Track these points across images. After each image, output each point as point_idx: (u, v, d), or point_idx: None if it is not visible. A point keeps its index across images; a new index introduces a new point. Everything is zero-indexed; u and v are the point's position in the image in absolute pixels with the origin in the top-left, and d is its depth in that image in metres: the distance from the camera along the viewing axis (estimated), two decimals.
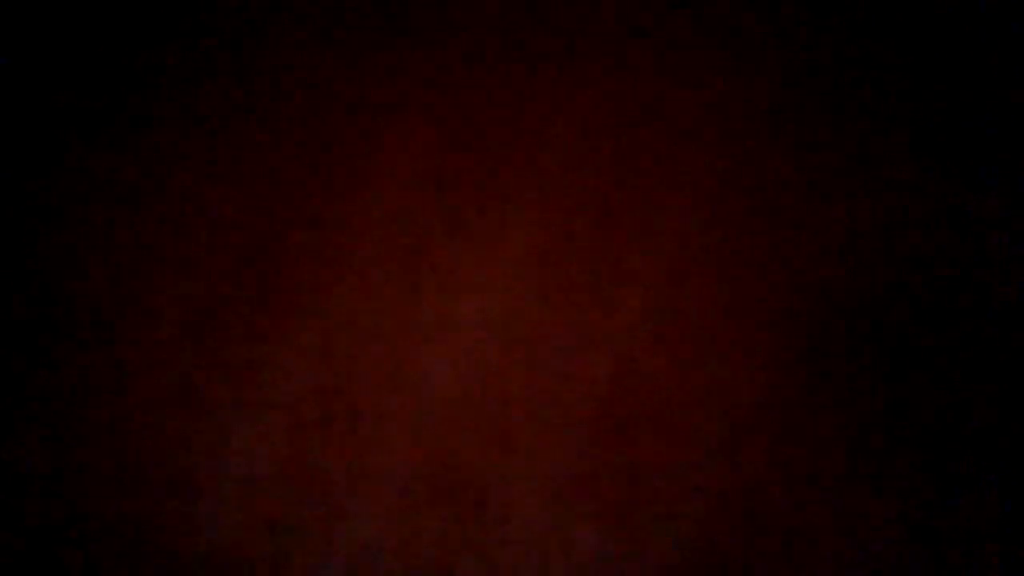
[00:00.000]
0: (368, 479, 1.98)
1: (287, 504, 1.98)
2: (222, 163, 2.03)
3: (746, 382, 1.94)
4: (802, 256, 1.96)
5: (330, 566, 1.97)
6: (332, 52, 2.04)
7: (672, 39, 2.00)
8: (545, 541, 1.95)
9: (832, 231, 1.95)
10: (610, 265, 1.97)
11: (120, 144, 2.01)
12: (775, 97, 1.98)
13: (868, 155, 1.95)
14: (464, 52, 2.02)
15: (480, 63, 2.02)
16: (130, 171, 2.01)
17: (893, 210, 1.94)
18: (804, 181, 1.96)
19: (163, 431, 1.98)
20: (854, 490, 1.92)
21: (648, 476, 1.94)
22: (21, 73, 2.02)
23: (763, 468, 1.93)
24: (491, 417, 1.97)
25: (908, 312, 1.92)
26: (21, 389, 1.98)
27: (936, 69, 1.95)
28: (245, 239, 2.01)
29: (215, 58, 2.03)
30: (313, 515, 1.98)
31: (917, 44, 1.95)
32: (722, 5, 2.00)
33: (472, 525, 1.96)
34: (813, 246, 1.96)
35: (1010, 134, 1.91)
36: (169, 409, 1.99)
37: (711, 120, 1.98)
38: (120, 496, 1.98)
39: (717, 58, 1.99)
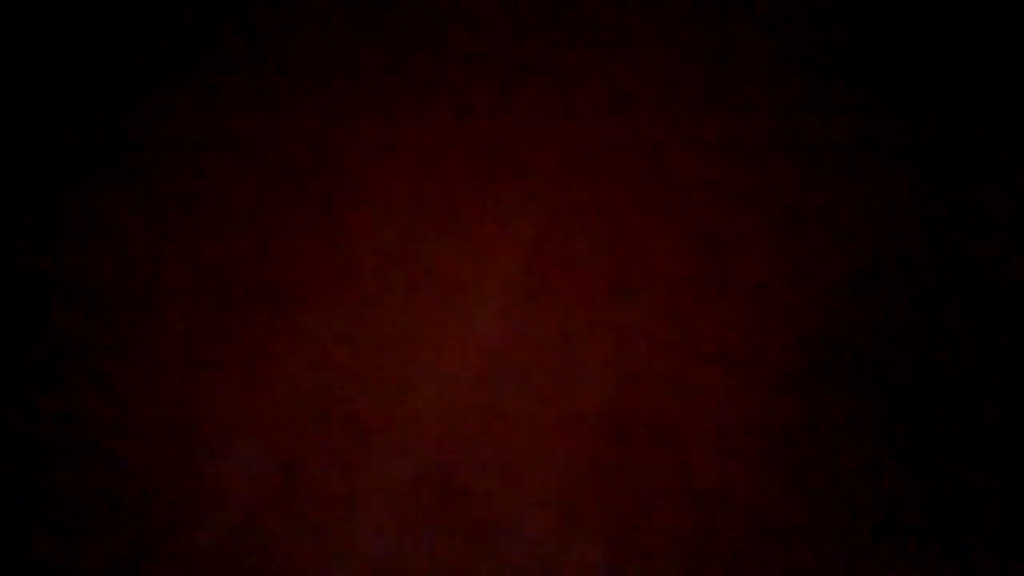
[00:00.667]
0: (367, 493, 1.98)
1: (284, 520, 1.98)
2: (217, 180, 2.04)
3: (750, 395, 1.96)
4: (805, 267, 1.97)
5: None
6: (331, 59, 2.04)
7: (673, 59, 2.01)
8: (548, 556, 1.96)
9: (838, 245, 1.97)
10: (610, 278, 1.99)
11: (125, 145, 2.02)
12: (782, 113, 1.99)
13: (877, 177, 1.97)
14: (463, 58, 2.03)
15: (481, 78, 2.03)
16: (132, 171, 2.02)
17: (903, 231, 1.96)
18: (810, 195, 1.98)
19: (161, 438, 1.99)
20: (862, 501, 1.93)
21: (652, 489, 1.96)
22: (24, 67, 2.02)
23: (770, 481, 1.95)
24: (490, 430, 1.98)
25: (915, 331, 1.94)
26: (19, 391, 1.99)
27: (941, 81, 1.97)
28: (243, 250, 2.01)
29: (221, 66, 2.04)
30: (310, 531, 1.98)
31: (919, 61, 1.96)
32: (723, 24, 2.01)
33: (473, 540, 1.97)
34: (817, 258, 1.97)
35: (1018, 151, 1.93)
36: (166, 416, 1.99)
37: (715, 132, 2.00)
38: (114, 513, 1.98)
39: (720, 72, 2.00)
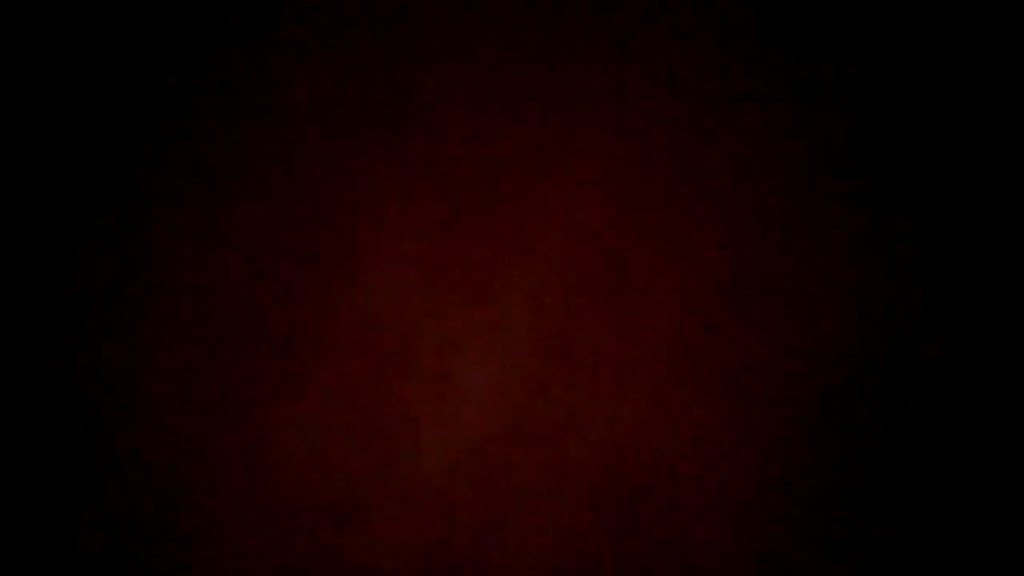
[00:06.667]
0: (361, 566, 1.98)
1: None
2: (214, 235, 2.04)
3: (750, 458, 1.96)
4: (803, 325, 1.98)
5: None
6: (334, 91, 2.04)
7: (677, 131, 2.02)
8: None
9: (838, 298, 1.98)
10: (609, 350, 1.99)
11: (134, 160, 2.02)
12: (784, 190, 2.00)
13: (878, 230, 1.99)
14: (464, 134, 2.03)
15: (480, 134, 2.03)
16: (138, 184, 2.02)
17: (902, 282, 1.98)
18: (809, 253, 1.99)
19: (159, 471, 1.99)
20: (867, 560, 1.94)
21: (651, 556, 1.96)
22: (33, 72, 2.03)
23: (771, 548, 1.95)
24: (486, 500, 1.98)
25: (914, 379, 1.96)
26: (25, 391, 1.99)
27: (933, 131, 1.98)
28: (243, 322, 2.01)
29: (230, 107, 2.04)
30: None
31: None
32: (719, 78, 2.02)
33: None
34: (815, 313, 1.98)
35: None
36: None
37: (717, 209, 2.01)
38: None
39: (726, 149, 2.01)
